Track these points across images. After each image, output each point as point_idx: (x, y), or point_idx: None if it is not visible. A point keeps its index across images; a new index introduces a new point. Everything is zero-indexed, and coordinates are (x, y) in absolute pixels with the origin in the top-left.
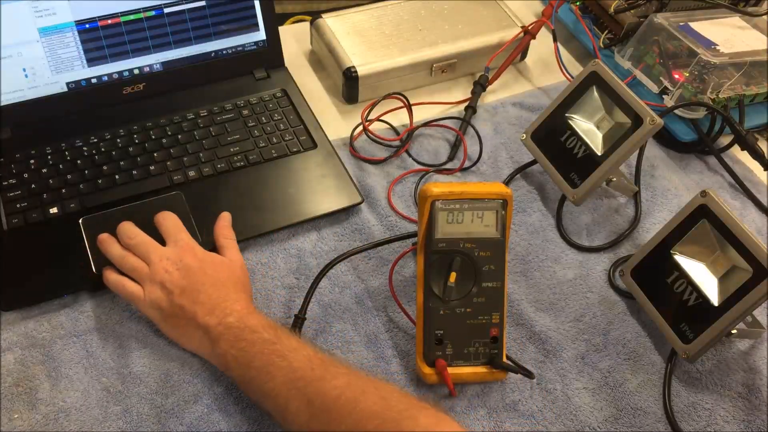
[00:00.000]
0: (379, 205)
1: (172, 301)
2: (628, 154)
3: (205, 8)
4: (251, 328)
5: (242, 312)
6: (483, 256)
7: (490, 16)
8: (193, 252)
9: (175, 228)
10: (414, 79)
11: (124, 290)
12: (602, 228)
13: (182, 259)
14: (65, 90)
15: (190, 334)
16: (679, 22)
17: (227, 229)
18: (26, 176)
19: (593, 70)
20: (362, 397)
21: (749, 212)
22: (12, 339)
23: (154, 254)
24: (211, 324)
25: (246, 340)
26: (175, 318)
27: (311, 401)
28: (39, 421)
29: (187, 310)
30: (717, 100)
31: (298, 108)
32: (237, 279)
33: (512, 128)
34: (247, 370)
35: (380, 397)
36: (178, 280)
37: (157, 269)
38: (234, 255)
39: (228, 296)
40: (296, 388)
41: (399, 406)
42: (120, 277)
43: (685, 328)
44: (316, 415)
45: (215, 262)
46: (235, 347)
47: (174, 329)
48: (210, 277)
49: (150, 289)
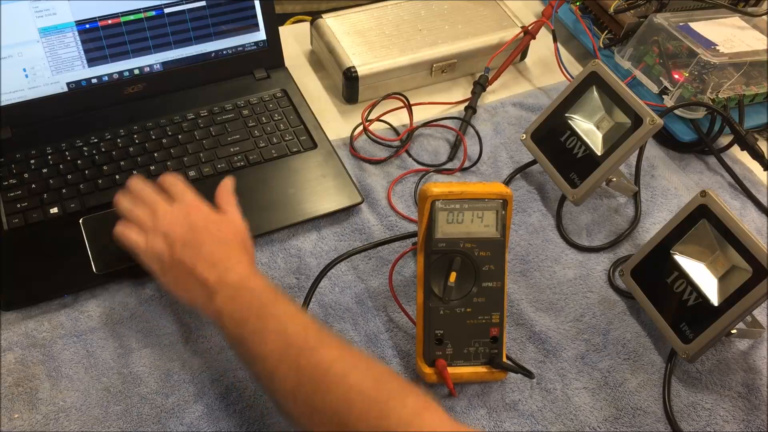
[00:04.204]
0: (379, 205)
1: (173, 253)
2: (628, 154)
3: (206, 8)
4: (250, 288)
5: (243, 272)
6: (483, 256)
7: (490, 16)
8: (199, 209)
9: (181, 187)
10: (414, 79)
11: (128, 239)
12: (602, 228)
13: (188, 214)
14: (65, 90)
15: (188, 286)
16: (678, 22)
17: (229, 194)
18: (26, 176)
19: (593, 70)
20: (352, 373)
21: (749, 212)
22: (12, 339)
23: (160, 208)
24: (210, 279)
25: (243, 300)
26: (175, 270)
27: (301, 369)
28: (39, 421)
29: (187, 264)
30: (717, 100)
31: (298, 108)
32: (241, 240)
33: (512, 128)
34: (240, 330)
35: (371, 375)
36: (182, 234)
37: (162, 222)
38: (237, 218)
39: (231, 255)
40: (288, 354)
41: (388, 387)
42: (126, 227)
43: (685, 328)
44: (303, 384)
45: (220, 221)
46: (231, 305)
47: (173, 282)
48: (213, 235)
49: (153, 239)
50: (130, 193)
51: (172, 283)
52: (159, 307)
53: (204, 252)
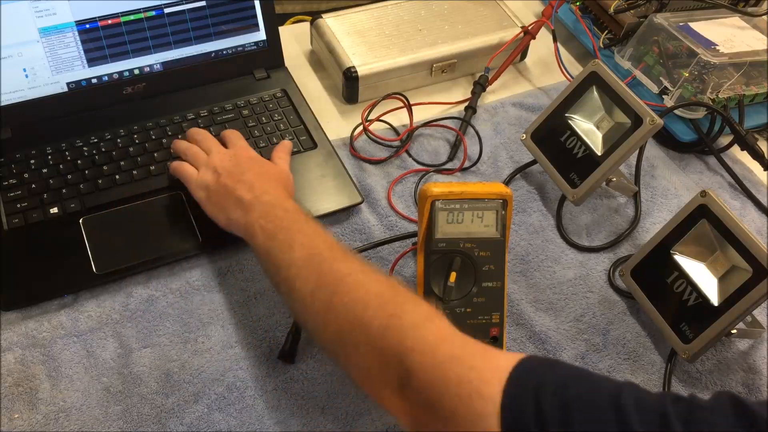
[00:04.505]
0: (379, 205)
1: (218, 180)
2: (628, 154)
3: (206, 8)
4: (284, 207)
5: (278, 196)
6: (483, 256)
7: (490, 16)
8: (250, 151)
9: (238, 137)
10: (414, 79)
11: (182, 170)
12: (602, 228)
13: (238, 155)
14: (65, 90)
15: (227, 205)
16: (678, 22)
17: (285, 152)
18: (26, 176)
19: (593, 70)
20: (371, 280)
21: (749, 212)
22: (12, 339)
23: (215, 148)
24: (246, 197)
25: (276, 216)
26: (217, 195)
27: (322, 273)
28: (39, 421)
29: (229, 188)
30: (717, 100)
31: (298, 108)
32: (282, 180)
33: (512, 128)
34: (270, 240)
35: (388, 284)
36: (229, 167)
37: (214, 158)
38: (284, 168)
39: (269, 186)
40: (311, 261)
41: (404, 294)
42: (181, 162)
43: (685, 328)
44: (323, 286)
45: (267, 163)
46: (264, 218)
47: (215, 206)
48: (257, 171)
49: (204, 172)
50: (188, 139)
51: (214, 207)
52: (159, 307)
53: (245, 179)
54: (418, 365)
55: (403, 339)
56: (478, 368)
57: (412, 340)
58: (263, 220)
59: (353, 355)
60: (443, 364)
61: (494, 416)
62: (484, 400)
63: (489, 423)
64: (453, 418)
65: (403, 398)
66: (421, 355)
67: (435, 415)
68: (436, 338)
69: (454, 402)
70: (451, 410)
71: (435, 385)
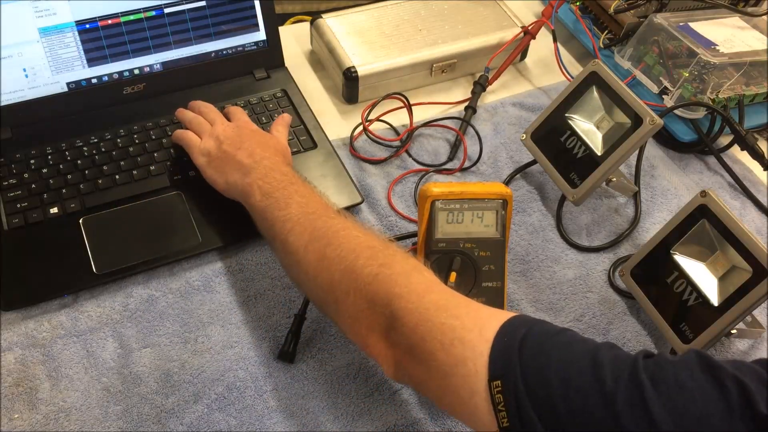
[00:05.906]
0: (379, 205)
1: (220, 147)
2: (627, 154)
3: (206, 8)
4: (282, 171)
5: (277, 162)
6: (483, 256)
7: (490, 16)
8: (251, 126)
9: (241, 113)
10: (414, 79)
11: (185, 136)
12: (602, 228)
13: (239, 127)
14: (65, 90)
15: (227, 170)
16: (678, 22)
17: (284, 125)
18: (26, 176)
19: (593, 70)
20: (363, 234)
21: (749, 212)
22: (12, 339)
23: (218, 119)
24: (246, 162)
25: (274, 178)
26: (218, 161)
27: (316, 228)
28: (39, 421)
29: (229, 153)
30: (717, 100)
31: (298, 108)
32: (282, 151)
33: (512, 128)
34: (267, 198)
35: (379, 239)
36: (231, 136)
37: (217, 128)
38: (283, 140)
39: (267, 154)
40: (306, 217)
41: (394, 248)
42: (184, 130)
43: (685, 328)
44: (317, 239)
45: (266, 135)
46: (262, 179)
47: (215, 170)
48: (257, 141)
49: (206, 139)
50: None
51: (214, 171)
52: (159, 307)
53: (245, 146)
54: (405, 310)
55: (392, 286)
56: (461, 317)
57: (401, 287)
58: (261, 180)
59: (343, 302)
60: (428, 311)
61: (473, 362)
62: (464, 346)
63: (468, 369)
64: (433, 362)
65: (389, 343)
66: (408, 301)
67: (416, 358)
68: (423, 287)
69: (436, 347)
70: (432, 354)
71: (418, 330)
